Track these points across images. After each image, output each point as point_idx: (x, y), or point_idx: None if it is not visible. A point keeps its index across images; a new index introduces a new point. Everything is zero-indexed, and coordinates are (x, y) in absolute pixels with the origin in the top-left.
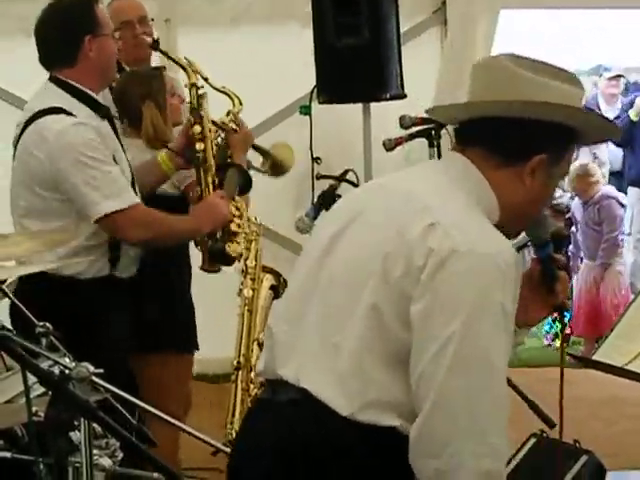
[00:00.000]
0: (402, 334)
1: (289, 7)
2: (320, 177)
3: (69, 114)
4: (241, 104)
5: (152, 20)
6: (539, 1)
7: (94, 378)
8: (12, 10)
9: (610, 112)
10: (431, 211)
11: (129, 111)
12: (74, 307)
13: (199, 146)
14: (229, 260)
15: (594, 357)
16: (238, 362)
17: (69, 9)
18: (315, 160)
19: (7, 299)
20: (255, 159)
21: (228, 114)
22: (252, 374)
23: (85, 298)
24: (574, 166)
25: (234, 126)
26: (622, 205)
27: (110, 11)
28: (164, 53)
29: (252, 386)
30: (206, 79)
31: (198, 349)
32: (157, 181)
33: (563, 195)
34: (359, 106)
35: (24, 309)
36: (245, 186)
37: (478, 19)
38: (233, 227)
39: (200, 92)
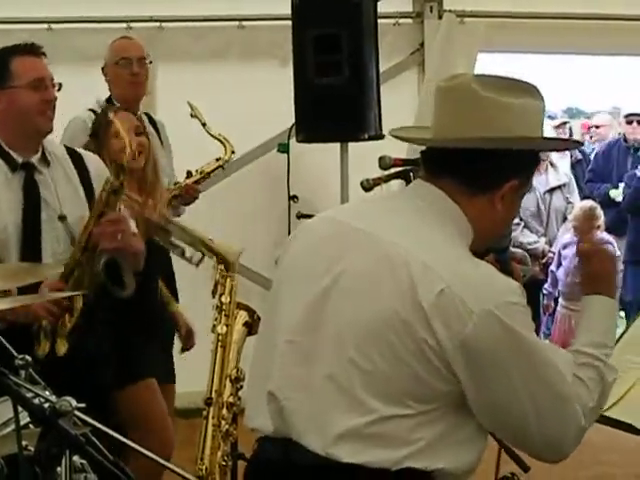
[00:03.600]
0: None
1: (270, 44)
2: (301, 216)
3: None
4: (233, 153)
5: (150, 62)
6: (516, 45)
7: (76, 412)
8: None
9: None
10: (433, 271)
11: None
12: None
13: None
14: None
15: None
16: (210, 398)
17: None
18: (292, 198)
19: None
20: None
21: (218, 159)
22: (224, 410)
23: None
24: (580, 205)
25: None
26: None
27: (112, 48)
28: None
29: (223, 422)
30: (204, 124)
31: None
32: None
33: (539, 241)
34: (337, 145)
35: (3, 341)
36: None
37: (456, 61)
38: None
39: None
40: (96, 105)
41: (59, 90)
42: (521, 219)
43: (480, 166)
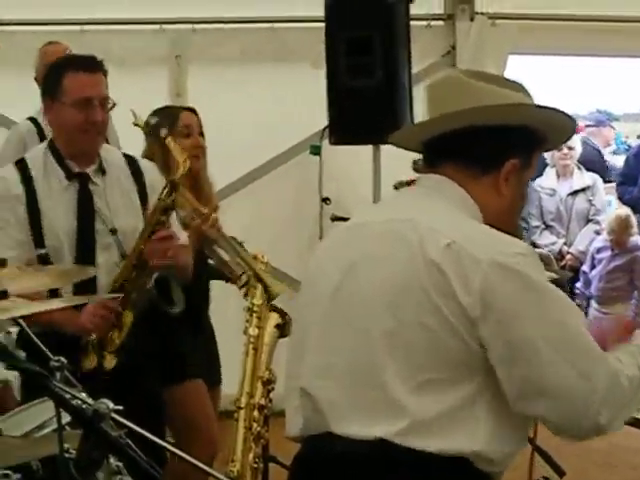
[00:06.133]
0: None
1: (302, 46)
2: (335, 219)
3: (22, 167)
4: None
5: None
6: (547, 48)
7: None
8: None
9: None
10: (438, 231)
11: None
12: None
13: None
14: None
15: None
16: (242, 400)
17: (49, 69)
18: (324, 200)
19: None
20: None
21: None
22: (255, 412)
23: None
24: (615, 215)
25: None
26: None
27: (40, 55)
28: None
29: (255, 424)
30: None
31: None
32: None
33: (557, 242)
34: (369, 147)
35: (39, 343)
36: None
37: (486, 63)
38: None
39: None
40: (37, 113)
41: (112, 108)
42: (543, 222)
43: (478, 143)
